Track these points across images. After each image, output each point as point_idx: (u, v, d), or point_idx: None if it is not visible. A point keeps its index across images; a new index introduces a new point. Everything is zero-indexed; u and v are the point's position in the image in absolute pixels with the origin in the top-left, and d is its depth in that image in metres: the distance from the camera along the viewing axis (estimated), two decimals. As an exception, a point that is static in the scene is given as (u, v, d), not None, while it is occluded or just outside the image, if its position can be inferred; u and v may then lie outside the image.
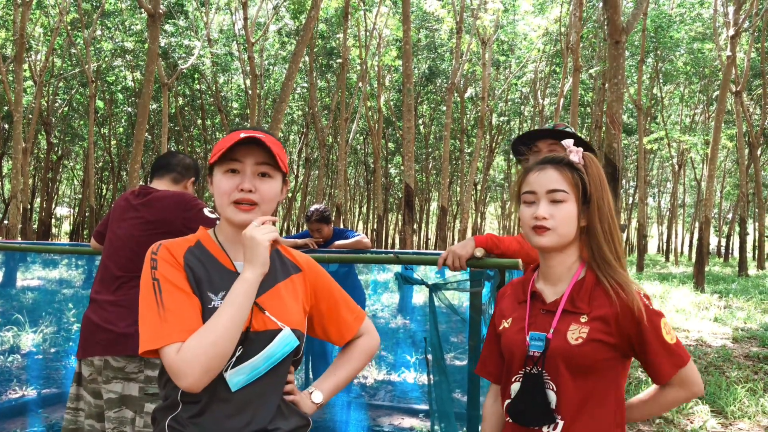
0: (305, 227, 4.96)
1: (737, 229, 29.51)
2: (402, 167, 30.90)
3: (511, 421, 1.61)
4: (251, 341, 1.43)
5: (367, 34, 21.86)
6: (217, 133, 32.61)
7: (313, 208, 4.83)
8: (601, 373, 1.52)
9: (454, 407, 2.65)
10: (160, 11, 12.54)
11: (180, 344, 1.32)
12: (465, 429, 2.57)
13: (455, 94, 23.29)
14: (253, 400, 1.42)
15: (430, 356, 2.66)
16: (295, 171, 37.41)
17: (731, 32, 17.24)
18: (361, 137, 34.35)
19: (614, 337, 1.51)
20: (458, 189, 34.99)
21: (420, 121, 31.91)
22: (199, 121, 30.24)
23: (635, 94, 21.14)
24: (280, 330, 1.46)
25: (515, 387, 1.61)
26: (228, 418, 1.39)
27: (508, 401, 1.62)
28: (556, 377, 1.53)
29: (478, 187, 36.10)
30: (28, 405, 4.30)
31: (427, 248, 42.68)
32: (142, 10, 19.50)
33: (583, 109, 28.73)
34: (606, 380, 1.53)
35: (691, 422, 4.87)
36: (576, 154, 1.61)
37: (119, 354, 2.58)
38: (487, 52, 20.35)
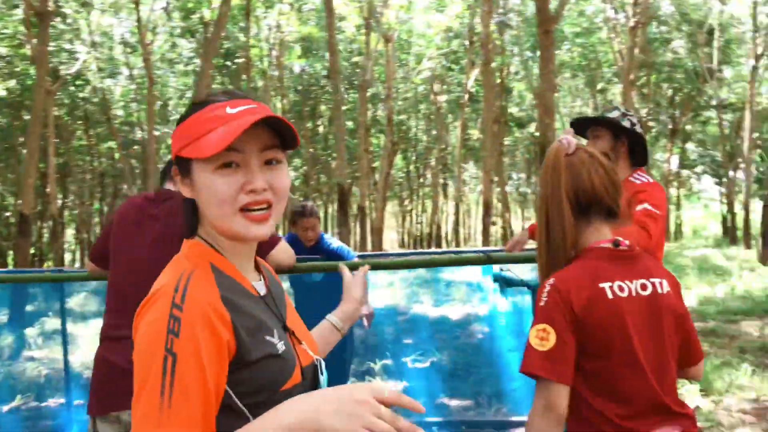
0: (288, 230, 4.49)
1: None
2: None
3: None
4: (306, 383, 1.09)
5: (270, 32, 21.21)
6: (102, 143, 30.21)
7: (305, 202, 4.39)
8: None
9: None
10: (49, 8, 11.38)
11: None
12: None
13: (357, 93, 23.09)
14: None
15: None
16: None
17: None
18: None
19: None
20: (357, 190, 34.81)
21: (320, 122, 31.47)
22: (79, 132, 27.85)
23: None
24: (316, 363, 1.14)
25: None
26: None
27: None
28: None
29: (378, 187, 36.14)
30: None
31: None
32: (16, 11, 17.67)
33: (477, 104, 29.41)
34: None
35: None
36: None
37: None
38: (390, 50, 20.32)
